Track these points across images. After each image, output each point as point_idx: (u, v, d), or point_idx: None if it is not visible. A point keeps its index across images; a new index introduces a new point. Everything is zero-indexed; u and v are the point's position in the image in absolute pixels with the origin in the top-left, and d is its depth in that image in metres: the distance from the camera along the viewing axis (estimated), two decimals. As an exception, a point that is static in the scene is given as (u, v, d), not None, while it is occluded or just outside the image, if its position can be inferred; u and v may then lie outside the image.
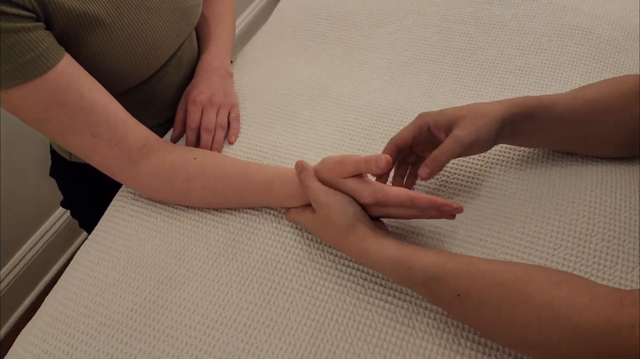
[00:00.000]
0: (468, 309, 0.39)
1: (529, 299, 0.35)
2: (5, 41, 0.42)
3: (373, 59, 0.73)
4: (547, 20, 0.74)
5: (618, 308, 0.33)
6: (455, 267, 0.39)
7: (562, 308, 0.34)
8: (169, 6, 0.57)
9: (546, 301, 0.35)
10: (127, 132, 0.50)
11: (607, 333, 0.32)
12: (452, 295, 0.39)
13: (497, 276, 0.37)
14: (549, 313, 0.34)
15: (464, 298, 0.38)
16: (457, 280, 0.39)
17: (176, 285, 0.50)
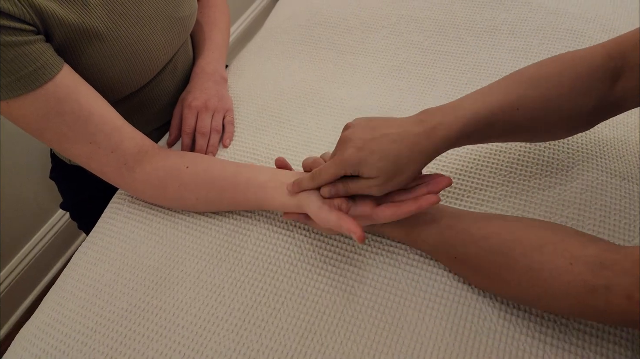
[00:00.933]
0: (464, 270, 0.46)
1: (513, 264, 0.40)
2: (7, 54, 0.43)
3: (365, 63, 0.74)
4: (538, 24, 0.75)
5: (596, 271, 0.35)
6: (452, 235, 0.45)
7: (540, 271, 0.38)
8: (165, 17, 0.58)
9: (527, 265, 0.39)
10: (123, 139, 0.52)
11: (581, 293, 0.36)
12: (450, 257, 0.46)
13: (487, 242, 0.42)
14: (528, 276, 0.39)
15: (460, 261, 0.45)
16: (453, 247, 0.45)
17: (170, 285, 0.51)
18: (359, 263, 0.50)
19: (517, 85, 0.48)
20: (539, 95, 0.47)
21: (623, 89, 0.46)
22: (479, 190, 0.55)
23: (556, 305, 0.39)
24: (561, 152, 0.57)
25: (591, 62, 0.47)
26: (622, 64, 0.45)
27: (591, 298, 0.35)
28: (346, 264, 0.50)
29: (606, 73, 0.46)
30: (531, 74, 0.48)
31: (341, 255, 0.51)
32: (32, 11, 0.45)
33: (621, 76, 0.46)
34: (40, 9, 0.45)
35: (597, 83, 0.46)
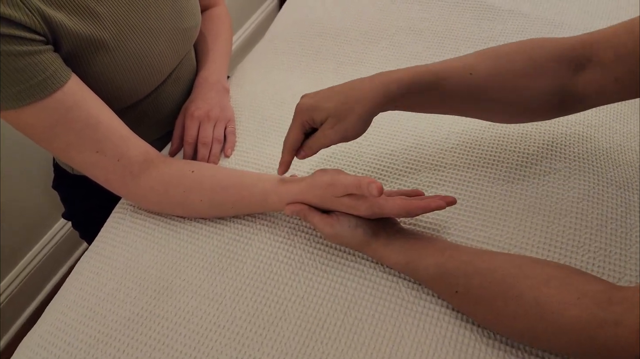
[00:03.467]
0: (466, 304, 0.44)
1: (519, 296, 0.39)
2: (18, 63, 0.44)
3: (365, 74, 0.74)
4: (535, 35, 0.76)
5: (604, 306, 0.35)
6: (455, 266, 0.44)
7: (548, 304, 0.37)
8: (169, 28, 0.59)
9: (534, 298, 0.38)
10: (129, 148, 0.53)
11: (589, 328, 0.35)
12: (451, 291, 0.44)
13: (492, 275, 0.41)
14: (536, 309, 0.38)
15: (462, 294, 0.43)
16: (456, 278, 0.43)
17: (172, 294, 0.51)
18: (360, 271, 0.51)
19: (477, 55, 0.50)
20: (493, 65, 0.49)
21: (585, 82, 0.46)
22: (475, 199, 0.56)
23: (561, 341, 0.37)
24: (558, 161, 0.58)
25: (552, 47, 0.48)
26: (588, 56, 0.46)
27: (599, 332, 0.34)
28: (347, 273, 0.51)
29: (565, 61, 0.47)
30: (494, 49, 0.51)
31: (342, 264, 0.52)
32: (43, 21, 0.46)
33: (585, 68, 0.46)
34: (49, 20, 0.46)
35: (554, 68, 0.47)
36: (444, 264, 0.44)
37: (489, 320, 0.42)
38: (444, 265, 0.44)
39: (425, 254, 0.46)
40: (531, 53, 0.49)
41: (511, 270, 0.41)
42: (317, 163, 0.62)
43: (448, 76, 0.48)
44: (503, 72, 0.49)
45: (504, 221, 0.53)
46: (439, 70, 0.49)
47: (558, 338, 0.37)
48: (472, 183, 0.57)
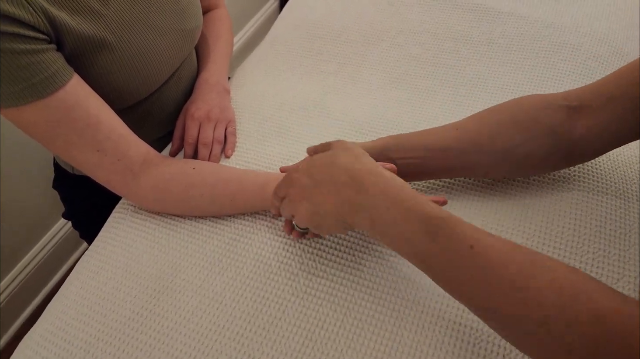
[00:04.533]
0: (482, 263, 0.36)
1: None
2: (20, 61, 0.44)
3: (365, 75, 0.75)
4: (534, 37, 0.76)
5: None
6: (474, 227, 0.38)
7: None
8: (172, 29, 0.60)
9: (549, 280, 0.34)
10: (129, 148, 0.53)
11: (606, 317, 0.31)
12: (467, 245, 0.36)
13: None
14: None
15: (481, 249, 0.36)
16: (477, 232, 0.37)
17: (172, 294, 0.51)
18: (360, 272, 0.51)
19: (465, 119, 0.53)
20: (479, 118, 0.52)
21: (581, 127, 0.47)
22: (474, 200, 0.56)
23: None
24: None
25: (543, 99, 0.50)
26: (581, 103, 0.47)
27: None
28: (346, 273, 0.51)
29: (558, 108, 0.48)
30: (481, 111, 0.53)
31: (341, 264, 0.52)
32: (46, 20, 0.46)
33: (580, 114, 0.48)
34: (53, 19, 0.47)
35: (545, 116, 0.48)
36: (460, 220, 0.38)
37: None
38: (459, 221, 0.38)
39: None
40: (520, 103, 0.51)
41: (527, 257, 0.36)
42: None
43: (435, 135, 0.52)
44: (491, 123, 0.51)
45: (503, 222, 0.54)
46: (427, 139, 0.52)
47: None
48: (471, 184, 0.57)
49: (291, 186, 0.46)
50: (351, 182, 0.41)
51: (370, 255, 0.52)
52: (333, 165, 0.43)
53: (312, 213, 0.44)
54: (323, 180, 0.43)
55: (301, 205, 0.45)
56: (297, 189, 0.45)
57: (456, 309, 0.47)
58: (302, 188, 0.45)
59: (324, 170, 0.44)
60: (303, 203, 0.45)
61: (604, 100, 0.47)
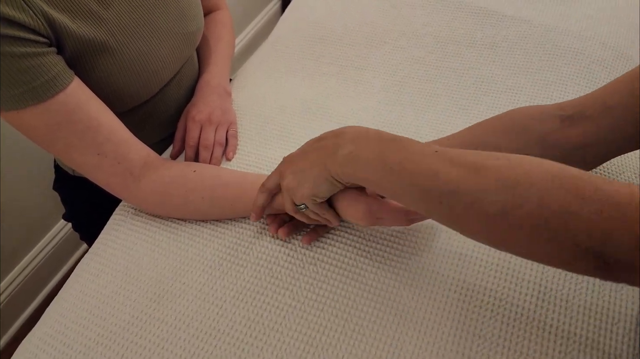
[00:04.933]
0: (441, 164, 0.37)
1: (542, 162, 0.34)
2: (21, 65, 0.44)
3: (367, 77, 0.75)
4: (537, 41, 0.76)
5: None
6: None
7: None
8: (173, 32, 0.59)
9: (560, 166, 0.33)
10: (130, 151, 0.53)
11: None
12: (430, 150, 0.38)
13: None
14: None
15: (442, 152, 0.37)
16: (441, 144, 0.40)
17: (172, 298, 0.51)
18: (361, 277, 0.50)
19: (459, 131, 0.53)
20: (469, 130, 0.53)
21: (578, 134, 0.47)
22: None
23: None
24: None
25: (535, 109, 0.51)
26: (577, 112, 0.47)
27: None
28: (348, 278, 0.51)
29: (551, 117, 0.48)
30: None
31: (343, 269, 0.51)
32: (46, 23, 0.46)
33: (576, 122, 0.47)
34: (53, 22, 0.46)
35: (538, 124, 0.49)
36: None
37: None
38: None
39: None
40: (513, 113, 0.52)
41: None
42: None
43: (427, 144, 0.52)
44: (482, 133, 0.52)
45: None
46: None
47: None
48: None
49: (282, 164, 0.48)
50: (331, 133, 0.44)
51: (371, 260, 0.52)
52: (320, 136, 0.46)
53: (295, 171, 0.46)
54: (309, 142, 0.46)
55: (287, 169, 0.47)
56: (286, 160, 0.48)
57: (458, 315, 0.46)
58: (290, 157, 0.47)
59: (312, 142, 0.46)
60: (288, 167, 0.46)
61: (600, 110, 0.46)
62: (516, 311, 0.47)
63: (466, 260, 0.50)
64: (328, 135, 0.45)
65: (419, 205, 0.39)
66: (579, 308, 0.46)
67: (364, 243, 0.53)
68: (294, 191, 0.46)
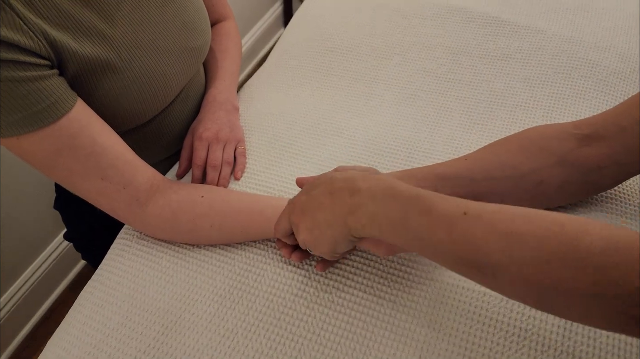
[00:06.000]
0: (474, 229, 0.34)
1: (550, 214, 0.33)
2: (20, 89, 0.41)
3: (378, 91, 0.73)
4: (552, 52, 0.74)
5: None
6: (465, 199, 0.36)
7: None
8: (179, 47, 0.57)
9: (569, 217, 0.32)
10: (135, 174, 0.50)
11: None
12: (459, 212, 0.35)
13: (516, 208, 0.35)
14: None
15: (473, 217, 0.34)
16: (468, 203, 0.35)
17: (181, 330, 0.48)
18: (379, 306, 0.48)
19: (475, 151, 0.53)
20: (485, 149, 0.52)
21: (595, 154, 0.47)
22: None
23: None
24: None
25: (551, 129, 0.50)
26: (593, 132, 0.47)
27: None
28: (365, 307, 0.48)
29: (568, 137, 0.48)
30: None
31: (359, 297, 0.49)
32: (47, 44, 0.43)
33: (592, 142, 0.47)
34: (54, 42, 0.44)
35: (554, 145, 0.48)
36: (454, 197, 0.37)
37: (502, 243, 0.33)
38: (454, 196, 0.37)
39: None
40: (529, 132, 0.51)
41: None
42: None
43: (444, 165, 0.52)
44: (500, 152, 0.51)
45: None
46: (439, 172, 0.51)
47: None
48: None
49: (292, 213, 0.45)
50: (344, 185, 0.41)
51: (390, 288, 0.49)
52: (329, 178, 0.43)
53: (311, 227, 0.43)
54: (319, 191, 0.43)
55: (301, 223, 0.44)
56: (297, 209, 0.45)
57: (483, 348, 0.44)
58: (301, 206, 0.44)
59: (320, 184, 0.43)
60: (302, 220, 0.44)
61: (615, 131, 0.46)
62: (543, 342, 0.44)
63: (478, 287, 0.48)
64: (340, 185, 0.41)
65: (455, 269, 0.37)
66: (608, 339, 0.44)
67: (381, 268, 0.51)
68: (311, 247, 0.45)
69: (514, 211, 0.34)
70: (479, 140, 0.64)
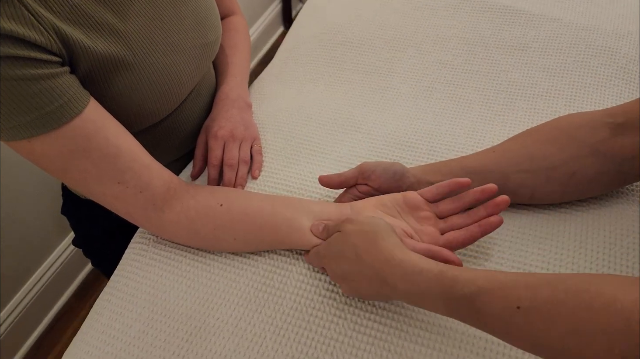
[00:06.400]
0: (533, 324, 0.32)
1: (613, 303, 0.29)
2: (32, 88, 0.39)
3: (394, 84, 0.71)
4: (570, 41, 0.72)
5: None
6: (512, 278, 0.34)
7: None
8: (191, 43, 0.55)
9: (632, 301, 0.28)
10: (152, 178, 0.48)
11: None
12: (511, 307, 0.32)
13: (565, 283, 0.32)
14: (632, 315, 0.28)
15: (526, 310, 0.32)
16: (517, 290, 0.33)
17: (206, 336, 0.46)
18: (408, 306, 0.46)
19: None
20: (515, 139, 0.51)
21: (629, 144, 0.45)
22: (531, 223, 0.51)
23: None
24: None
25: (583, 117, 0.49)
26: (628, 120, 0.45)
27: None
28: (398, 306, 0.46)
29: (600, 126, 0.46)
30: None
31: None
32: (59, 40, 0.41)
33: (626, 131, 0.45)
34: (66, 38, 0.42)
35: (585, 134, 0.47)
36: (495, 276, 0.35)
37: (567, 340, 0.31)
38: (496, 276, 0.35)
39: (465, 268, 0.38)
40: (558, 122, 0.50)
41: (586, 278, 0.32)
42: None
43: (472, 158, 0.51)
44: (528, 144, 0.50)
45: (562, 244, 0.49)
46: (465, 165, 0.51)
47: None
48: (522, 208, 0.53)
49: (325, 265, 0.47)
50: (375, 277, 0.41)
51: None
52: (358, 260, 0.42)
53: (351, 289, 0.44)
54: (351, 272, 0.43)
55: (341, 284, 0.45)
56: (330, 272, 0.46)
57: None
58: (335, 274, 0.45)
59: (350, 264, 0.43)
60: (342, 284, 0.45)
61: None
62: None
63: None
64: (370, 273, 0.41)
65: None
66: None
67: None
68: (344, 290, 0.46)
69: (573, 301, 0.31)
70: (501, 131, 0.62)
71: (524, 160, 0.49)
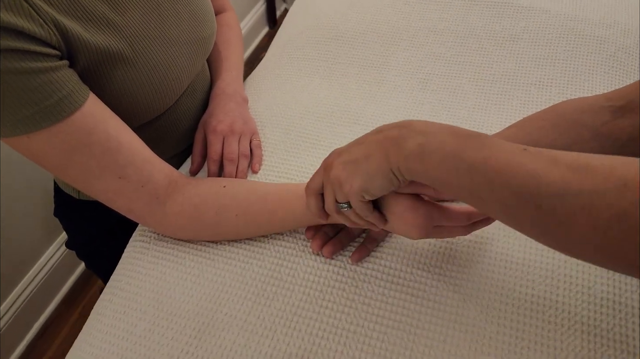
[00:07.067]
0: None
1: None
2: (30, 82, 0.38)
3: (390, 77, 0.71)
4: (559, 31, 0.74)
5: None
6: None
7: None
8: (188, 38, 0.54)
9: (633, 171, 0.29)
10: (153, 171, 0.47)
11: None
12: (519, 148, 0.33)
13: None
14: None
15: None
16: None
17: (215, 332, 0.45)
18: (422, 292, 0.46)
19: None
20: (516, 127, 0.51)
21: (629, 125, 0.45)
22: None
23: None
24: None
25: (582, 102, 0.49)
26: (626, 103, 0.46)
27: None
28: (408, 295, 0.46)
29: (600, 110, 0.47)
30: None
31: (401, 284, 0.47)
32: (58, 33, 0.40)
33: (625, 114, 0.46)
34: (65, 31, 0.40)
35: (586, 119, 0.47)
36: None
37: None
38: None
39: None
40: (558, 107, 0.50)
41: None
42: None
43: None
44: (532, 131, 0.49)
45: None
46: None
47: None
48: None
49: (327, 159, 0.41)
50: (394, 124, 0.37)
51: (429, 273, 0.47)
52: (379, 128, 0.39)
53: (346, 161, 0.38)
54: (366, 138, 0.38)
55: (336, 160, 0.39)
56: (334, 153, 0.40)
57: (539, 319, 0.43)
58: (341, 152, 0.39)
59: (369, 134, 0.39)
60: (337, 158, 0.39)
61: None
62: (594, 317, 0.43)
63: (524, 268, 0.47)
64: (389, 126, 0.38)
65: (507, 210, 0.34)
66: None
67: (419, 253, 0.49)
68: (340, 185, 0.39)
69: (577, 153, 0.32)
70: (498, 119, 0.63)
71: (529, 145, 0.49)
